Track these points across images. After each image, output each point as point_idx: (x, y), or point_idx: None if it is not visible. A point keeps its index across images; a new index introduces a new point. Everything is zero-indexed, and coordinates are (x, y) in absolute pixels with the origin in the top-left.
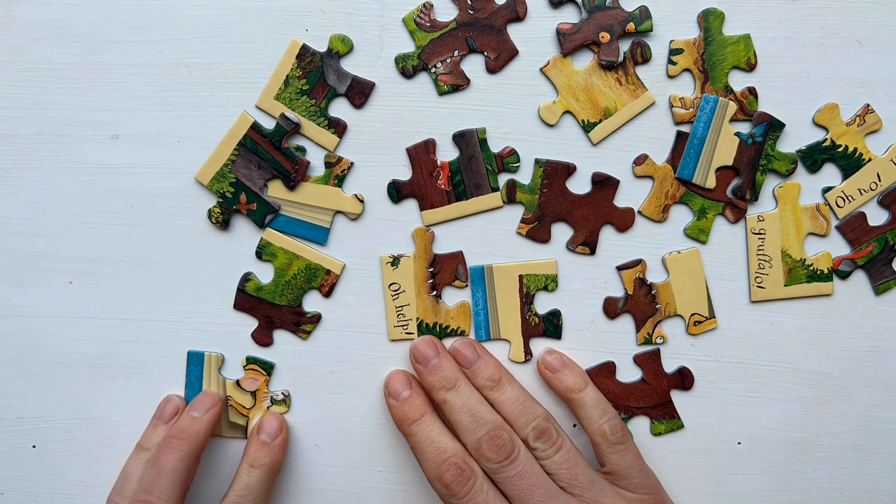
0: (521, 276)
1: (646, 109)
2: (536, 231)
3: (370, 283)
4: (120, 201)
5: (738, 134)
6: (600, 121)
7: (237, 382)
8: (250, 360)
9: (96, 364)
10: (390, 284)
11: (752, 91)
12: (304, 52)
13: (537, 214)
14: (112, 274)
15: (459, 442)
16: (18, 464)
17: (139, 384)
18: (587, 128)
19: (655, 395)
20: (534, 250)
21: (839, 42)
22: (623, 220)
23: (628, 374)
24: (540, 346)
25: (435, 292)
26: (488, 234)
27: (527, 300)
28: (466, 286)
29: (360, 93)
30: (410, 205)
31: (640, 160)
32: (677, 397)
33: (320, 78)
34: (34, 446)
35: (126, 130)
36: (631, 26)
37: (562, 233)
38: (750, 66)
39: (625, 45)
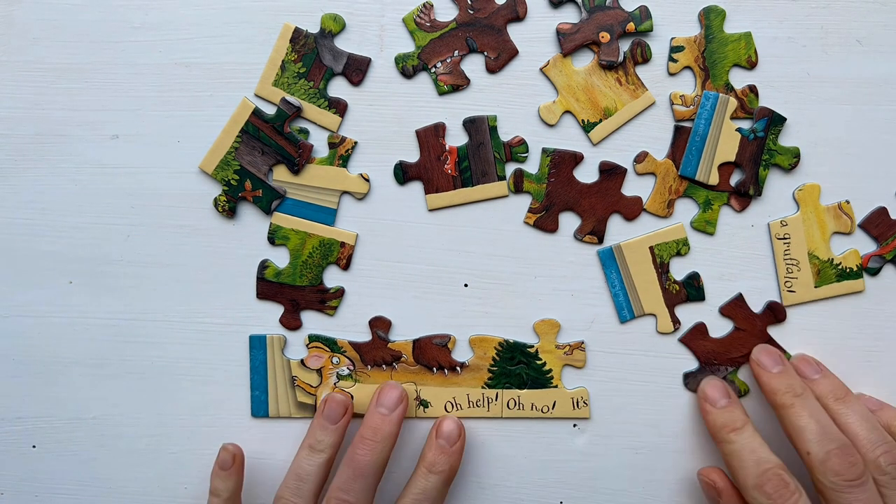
0: (651, 248)
1: (646, 109)
2: (544, 220)
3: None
4: (120, 201)
5: (739, 129)
6: (600, 121)
7: (301, 362)
8: (313, 339)
9: (96, 364)
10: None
11: (752, 89)
12: (298, 35)
13: (545, 204)
14: (112, 274)
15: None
16: (18, 464)
17: (139, 384)
18: (587, 128)
19: (753, 338)
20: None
21: (839, 42)
22: (631, 209)
23: (720, 328)
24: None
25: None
26: (492, 223)
27: (662, 269)
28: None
29: (357, 70)
30: (416, 187)
31: (641, 157)
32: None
33: (316, 59)
34: (34, 446)
35: (126, 130)
36: (631, 26)
37: (569, 222)
38: (751, 65)
39: (625, 45)
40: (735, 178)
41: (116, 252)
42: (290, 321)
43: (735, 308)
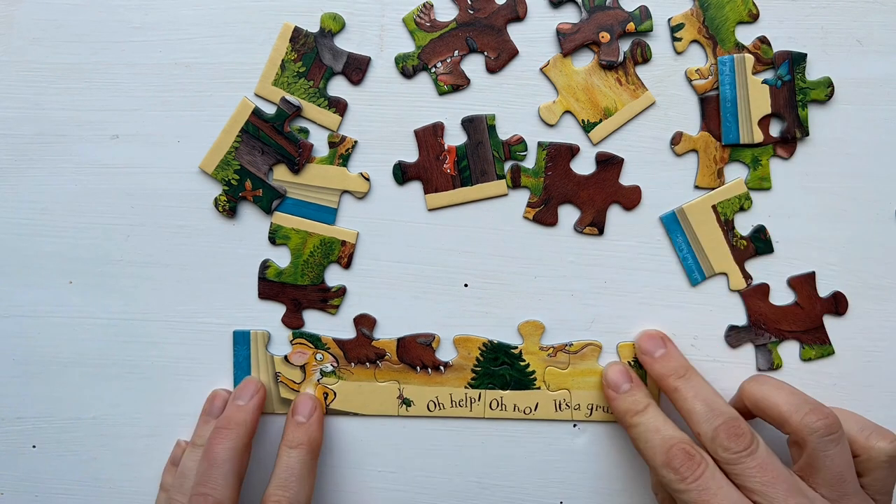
0: (714, 207)
1: (646, 109)
2: (543, 214)
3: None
4: (120, 201)
5: (765, 81)
6: (600, 121)
7: (285, 358)
8: (297, 335)
9: (96, 364)
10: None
11: (763, 40)
12: (297, 35)
13: (543, 197)
14: (112, 274)
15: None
16: (18, 464)
17: (138, 384)
18: (587, 128)
19: (808, 319)
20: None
21: (839, 42)
22: (630, 199)
23: (782, 296)
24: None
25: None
26: (492, 222)
27: (727, 227)
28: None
29: (356, 69)
30: (416, 187)
31: (677, 139)
32: None
33: (316, 58)
34: (34, 446)
35: (126, 130)
36: (631, 26)
37: (569, 216)
38: (752, 17)
39: (625, 45)
40: (777, 128)
41: (116, 252)
42: (293, 321)
43: (803, 283)
